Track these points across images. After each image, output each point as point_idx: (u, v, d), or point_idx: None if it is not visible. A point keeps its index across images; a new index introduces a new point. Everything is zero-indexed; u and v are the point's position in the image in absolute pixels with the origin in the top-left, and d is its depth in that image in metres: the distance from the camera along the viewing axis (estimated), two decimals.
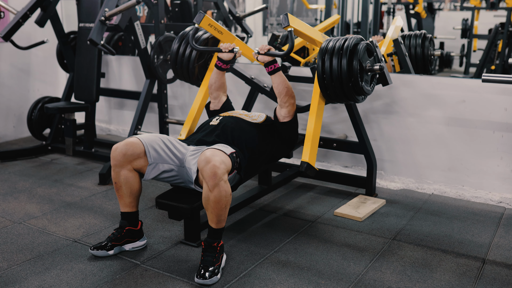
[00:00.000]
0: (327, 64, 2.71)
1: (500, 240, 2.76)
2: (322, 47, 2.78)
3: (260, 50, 2.77)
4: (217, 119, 2.81)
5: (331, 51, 2.71)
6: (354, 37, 2.73)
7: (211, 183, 2.26)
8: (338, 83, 2.70)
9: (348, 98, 2.78)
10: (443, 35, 7.61)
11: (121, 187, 2.52)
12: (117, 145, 2.50)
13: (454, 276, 2.38)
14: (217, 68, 2.96)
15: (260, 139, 2.76)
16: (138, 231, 2.63)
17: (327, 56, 2.72)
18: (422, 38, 3.80)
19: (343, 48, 2.68)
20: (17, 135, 4.94)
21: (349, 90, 2.71)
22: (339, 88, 2.72)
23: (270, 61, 2.78)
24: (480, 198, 3.32)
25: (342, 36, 2.83)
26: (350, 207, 3.15)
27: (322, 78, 2.75)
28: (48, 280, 2.34)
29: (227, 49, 2.89)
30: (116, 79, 4.98)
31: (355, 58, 2.65)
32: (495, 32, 5.91)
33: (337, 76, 2.68)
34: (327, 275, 2.39)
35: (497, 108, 3.22)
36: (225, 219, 2.39)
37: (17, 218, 3.05)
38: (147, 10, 5.64)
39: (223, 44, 2.92)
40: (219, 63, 2.94)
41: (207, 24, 2.99)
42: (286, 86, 2.78)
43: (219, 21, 4.61)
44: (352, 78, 2.67)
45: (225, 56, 2.92)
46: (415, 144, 3.54)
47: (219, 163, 2.27)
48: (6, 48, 4.68)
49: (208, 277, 2.29)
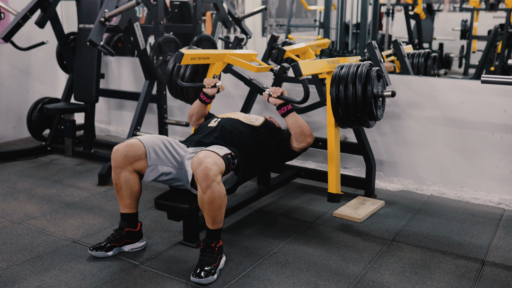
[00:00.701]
0: (342, 92, 2.67)
1: (500, 241, 2.76)
2: (333, 75, 2.73)
3: (272, 94, 2.76)
4: (215, 121, 2.81)
5: (345, 79, 2.67)
6: (365, 64, 2.69)
7: (204, 184, 2.26)
8: (353, 111, 2.68)
9: (360, 124, 2.77)
10: (442, 36, 7.63)
11: (121, 188, 2.53)
12: (118, 147, 2.50)
13: (453, 278, 2.38)
14: (201, 102, 3.01)
15: (258, 141, 2.77)
16: (138, 232, 2.64)
17: (341, 86, 2.67)
18: (425, 57, 3.77)
19: (357, 76, 2.64)
20: (17, 135, 4.94)
21: (363, 117, 2.70)
22: (353, 116, 2.70)
23: (282, 104, 2.77)
24: (479, 199, 3.33)
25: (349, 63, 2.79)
26: (349, 208, 3.15)
27: (337, 107, 2.72)
28: (47, 280, 2.34)
29: (210, 85, 2.96)
30: (115, 80, 4.98)
31: (369, 84, 2.63)
32: (495, 33, 5.92)
33: (352, 104, 2.66)
34: (326, 276, 2.39)
35: (497, 109, 3.22)
36: (221, 220, 2.39)
37: (16, 218, 3.05)
38: (146, 11, 5.64)
39: (206, 80, 2.99)
40: (203, 97, 2.99)
41: (189, 59, 3.04)
42: (300, 126, 2.76)
43: (218, 23, 4.61)
44: (367, 106, 2.65)
45: (209, 91, 2.97)
46: (414, 145, 3.54)
47: (211, 164, 2.27)
48: (6, 49, 4.68)
49: (204, 276, 2.29)
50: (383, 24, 6.64)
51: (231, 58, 3.28)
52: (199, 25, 4.38)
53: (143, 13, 6.10)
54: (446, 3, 8.76)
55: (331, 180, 2.93)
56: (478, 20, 6.68)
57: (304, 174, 3.63)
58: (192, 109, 3.05)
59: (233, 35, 6.26)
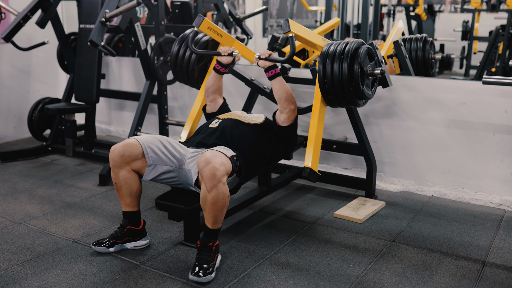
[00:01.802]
0: (328, 68, 2.71)
1: (500, 242, 2.76)
2: (323, 51, 2.78)
3: (261, 55, 2.78)
4: (216, 121, 2.81)
5: (332, 55, 2.71)
6: (355, 41, 2.73)
7: (210, 184, 2.26)
8: (339, 87, 2.70)
9: (349, 102, 2.78)
10: (444, 37, 7.62)
11: (121, 187, 2.53)
12: (115, 146, 2.51)
13: (454, 279, 2.38)
14: (215, 71, 2.97)
15: (259, 140, 2.77)
16: (140, 230, 2.65)
17: (328, 61, 2.72)
18: (422, 42, 3.80)
19: (344, 52, 2.68)
20: (18, 135, 4.94)
21: (350, 94, 2.71)
22: (340, 92, 2.72)
23: (270, 66, 2.78)
24: (480, 200, 3.32)
25: (343, 40, 2.84)
26: (349, 209, 3.15)
27: (323, 83, 2.76)
28: (48, 280, 2.34)
29: (226, 53, 2.89)
30: (116, 80, 4.98)
31: (356, 62, 2.66)
32: (496, 34, 5.91)
33: (338, 80, 2.68)
34: (326, 277, 2.39)
35: (498, 110, 3.22)
36: (221, 220, 2.39)
37: (17, 218, 3.05)
38: (147, 12, 5.64)
39: (222, 48, 2.93)
40: (218, 66, 2.95)
41: (206, 27, 3.00)
42: (285, 91, 2.78)
43: (219, 23, 4.61)
44: (353, 82, 2.67)
45: (224, 59, 2.92)
46: (415, 146, 3.54)
47: (219, 164, 2.27)
48: (7, 49, 4.69)
49: (202, 275, 2.29)
50: (384, 25, 6.65)
51: (239, 45, 3.24)
52: None
53: (144, 13, 6.10)
54: (447, 4, 8.76)
55: (308, 154, 2.80)
56: (479, 21, 6.67)
57: (302, 171, 3.62)
58: (207, 82, 3.02)
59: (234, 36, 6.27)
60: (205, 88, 3.04)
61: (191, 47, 2.99)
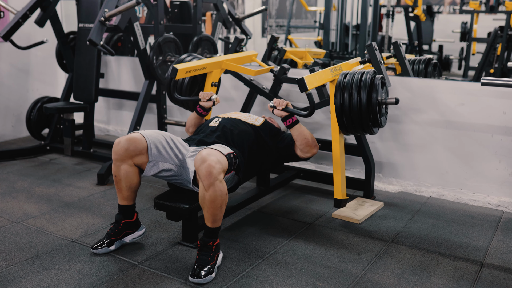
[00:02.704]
0: (346, 100, 2.65)
1: (498, 243, 2.77)
2: (337, 83, 2.71)
3: (277, 106, 2.76)
4: (216, 120, 2.82)
5: (349, 87, 2.65)
6: (369, 72, 2.68)
7: (207, 182, 2.26)
8: (358, 119, 2.66)
9: (365, 131, 2.76)
10: (442, 38, 7.63)
11: (121, 180, 2.54)
12: (119, 139, 2.51)
13: (451, 279, 2.38)
14: (197, 114, 3.03)
15: (259, 141, 2.79)
16: (135, 222, 2.65)
17: (345, 93, 2.66)
18: (425, 64, 3.76)
19: (361, 83, 2.63)
20: (16, 134, 4.93)
21: (367, 125, 2.68)
22: (358, 124, 2.69)
23: (287, 115, 2.77)
24: (478, 201, 3.33)
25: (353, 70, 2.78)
26: (348, 209, 3.15)
27: (341, 115, 2.70)
28: (46, 279, 2.33)
29: (205, 99, 2.96)
30: (115, 79, 4.98)
31: (373, 92, 2.62)
32: (494, 36, 5.92)
33: (357, 112, 2.64)
34: (324, 277, 2.39)
35: (496, 111, 3.22)
36: (221, 219, 2.39)
37: (15, 217, 3.04)
38: (146, 11, 5.64)
39: (201, 93, 2.99)
40: (200, 109, 3.01)
41: (184, 73, 3.03)
42: (305, 138, 2.78)
43: (218, 23, 4.61)
44: (371, 114, 2.64)
45: (205, 104, 2.98)
46: (413, 147, 3.54)
47: (214, 162, 2.27)
48: (6, 48, 4.68)
49: (203, 276, 2.29)
50: (383, 25, 6.65)
51: (229, 64, 3.27)
52: (199, 25, 4.38)
53: (143, 13, 6.10)
54: (446, 5, 8.77)
55: (337, 186, 2.91)
56: (478, 22, 6.68)
57: (303, 175, 3.63)
58: (189, 121, 3.08)
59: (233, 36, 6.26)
60: (186, 127, 3.11)
61: (173, 95, 3.12)
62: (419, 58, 3.84)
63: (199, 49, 4.32)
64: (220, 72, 3.32)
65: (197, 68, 3.08)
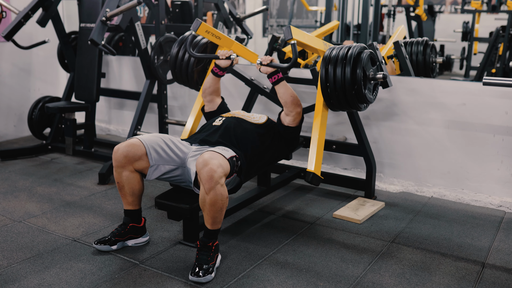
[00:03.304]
0: (331, 72, 2.70)
1: (500, 244, 2.76)
2: (325, 55, 2.76)
3: (262, 61, 2.79)
4: (220, 119, 2.82)
5: (335, 59, 2.70)
6: (358, 46, 2.73)
7: (207, 186, 2.26)
8: (342, 91, 2.69)
9: (350, 106, 2.77)
10: (444, 38, 7.62)
11: (124, 187, 2.55)
12: (118, 146, 2.51)
13: (453, 280, 2.38)
14: (213, 74, 2.99)
15: (262, 139, 2.78)
16: (141, 227, 2.67)
17: (330, 65, 2.71)
18: (423, 45, 3.78)
19: (347, 57, 2.67)
20: (18, 134, 4.94)
21: (352, 98, 2.71)
22: (342, 96, 2.72)
23: (273, 72, 2.78)
24: (480, 201, 3.32)
25: (345, 44, 2.83)
26: (349, 209, 3.15)
27: (326, 87, 2.75)
28: (48, 278, 2.34)
29: (224, 56, 2.92)
30: (116, 79, 4.98)
31: (358, 66, 2.65)
32: (496, 35, 5.91)
33: (341, 84, 2.67)
34: (325, 277, 2.39)
35: (498, 111, 3.22)
36: (221, 221, 2.39)
37: (17, 216, 3.05)
38: (147, 11, 5.64)
39: (220, 51, 2.95)
40: (216, 69, 2.97)
41: (204, 31, 2.99)
42: (291, 95, 2.79)
43: (219, 23, 4.61)
44: (356, 86, 2.66)
45: (222, 63, 2.95)
46: (414, 147, 3.54)
47: (216, 166, 2.27)
48: (8, 48, 4.69)
49: (202, 275, 2.30)
50: (384, 25, 6.65)
51: (237, 47, 3.24)
52: None
53: (144, 12, 6.10)
54: (447, 5, 8.76)
55: (311, 159, 2.80)
56: (479, 22, 6.67)
57: (304, 174, 3.62)
58: (205, 84, 3.04)
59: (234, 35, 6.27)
60: (203, 90, 3.06)
61: (189, 50, 3.00)
62: (416, 39, 3.85)
63: None
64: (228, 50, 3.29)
65: (215, 33, 3.03)
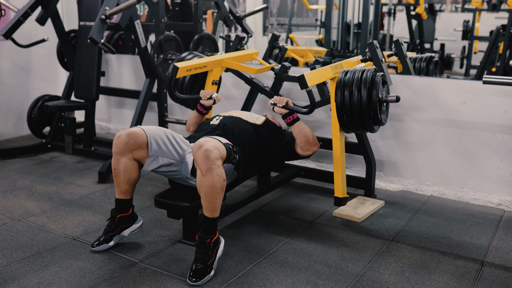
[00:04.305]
0: (347, 98, 2.64)
1: (499, 242, 2.76)
2: (338, 80, 2.69)
3: (277, 103, 2.76)
4: (217, 118, 2.82)
5: (350, 85, 2.64)
6: (370, 69, 2.67)
7: (204, 166, 2.23)
8: (358, 117, 2.65)
9: (365, 129, 2.75)
10: (444, 36, 7.61)
11: (120, 174, 2.53)
12: (120, 133, 2.51)
13: (452, 278, 2.38)
14: (198, 112, 3.03)
15: (260, 139, 2.79)
16: (130, 215, 2.65)
17: (346, 90, 2.65)
18: (427, 62, 3.75)
19: (361, 81, 2.62)
20: (17, 133, 4.94)
21: (367, 123, 2.67)
22: (358, 122, 2.68)
23: (288, 113, 2.77)
24: (480, 200, 3.32)
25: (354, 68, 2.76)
26: (349, 207, 3.15)
27: (342, 112, 2.69)
28: (47, 277, 2.34)
29: (206, 97, 2.98)
30: (116, 78, 4.98)
31: (374, 90, 2.61)
32: (496, 34, 5.91)
33: (357, 110, 2.63)
34: (325, 276, 2.39)
35: (498, 110, 3.22)
36: (219, 207, 2.34)
37: (16, 215, 3.05)
38: (147, 9, 5.64)
39: (202, 92, 3.00)
40: (200, 108, 3.02)
41: (185, 71, 3.00)
42: (305, 135, 2.78)
43: (219, 21, 4.61)
44: (372, 112, 2.63)
45: (205, 103, 2.99)
46: (414, 145, 3.54)
47: (212, 147, 2.26)
48: (7, 46, 4.68)
49: (199, 279, 2.29)
50: (384, 24, 6.64)
51: (230, 62, 3.26)
52: (200, 23, 4.37)
53: (144, 11, 6.10)
54: (448, 4, 8.75)
55: (337, 184, 2.90)
56: (480, 20, 6.66)
57: (304, 173, 3.63)
58: (189, 120, 3.09)
59: (234, 34, 6.26)
60: (187, 126, 3.12)
61: (174, 93, 3.09)
62: (420, 56, 3.83)
63: (200, 47, 4.32)
64: (221, 70, 3.32)
65: (198, 66, 3.07)
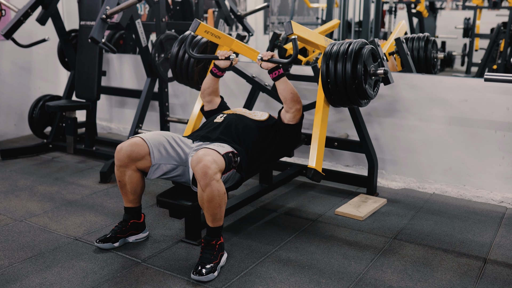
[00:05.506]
0: (332, 68, 2.69)
1: (502, 240, 2.76)
2: (326, 51, 2.75)
3: (263, 57, 2.78)
4: (221, 116, 2.82)
5: (336, 55, 2.69)
6: (359, 41, 2.71)
7: (203, 182, 2.26)
8: (342, 86, 2.68)
9: (351, 101, 2.76)
10: (445, 34, 7.61)
11: (125, 185, 2.55)
12: (121, 146, 2.51)
13: (455, 276, 2.37)
14: (212, 75, 2.98)
15: (263, 136, 2.78)
16: (142, 223, 2.69)
17: (331, 60, 2.70)
18: (425, 41, 3.77)
19: (348, 52, 2.66)
20: (18, 133, 4.94)
21: (352, 94, 2.69)
22: (343, 92, 2.70)
23: (273, 67, 2.77)
24: (482, 197, 3.32)
25: (346, 40, 2.81)
26: (351, 206, 3.15)
27: (327, 82, 2.73)
28: (49, 277, 2.34)
29: (224, 56, 2.91)
30: (117, 77, 4.98)
31: (359, 61, 2.64)
32: (497, 32, 5.90)
33: (342, 80, 2.66)
34: (328, 274, 2.38)
35: (499, 107, 3.21)
36: (221, 218, 2.39)
37: (18, 216, 3.05)
38: (148, 8, 5.63)
39: (219, 52, 2.94)
40: (215, 69, 2.96)
41: (203, 31, 2.97)
42: (291, 92, 2.78)
43: (220, 20, 4.60)
44: (356, 81, 2.65)
45: (221, 63, 2.94)
46: (416, 143, 3.53)
47: (210, 162, 2.27)
48: (7, 46, 4.68)
49: (204, 274, 2.29)
50: (385, 22, 6.63)
51: (238, 45, 3.22)
52: None
53: (145, 10, 6.09)
54: (448, 1, 8.74)
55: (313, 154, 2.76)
56: (481, 18, 6.66)
57: (305, 171, 3.62)
58: (204, 84, 3.04)
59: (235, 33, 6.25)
60: (201, 90, 3.06)
61: (188, 51, 2.97)
62: (417, 35, 3.83)
63: None
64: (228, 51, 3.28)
65: (214, 33, 3.00)
